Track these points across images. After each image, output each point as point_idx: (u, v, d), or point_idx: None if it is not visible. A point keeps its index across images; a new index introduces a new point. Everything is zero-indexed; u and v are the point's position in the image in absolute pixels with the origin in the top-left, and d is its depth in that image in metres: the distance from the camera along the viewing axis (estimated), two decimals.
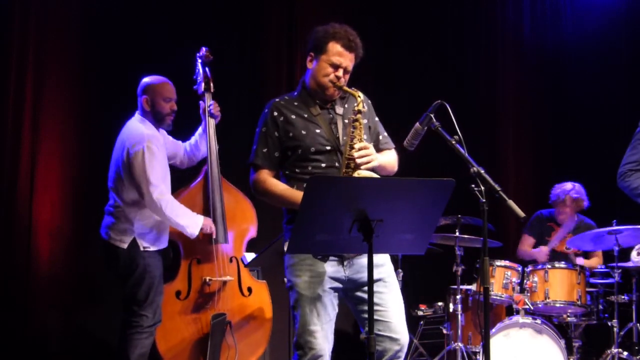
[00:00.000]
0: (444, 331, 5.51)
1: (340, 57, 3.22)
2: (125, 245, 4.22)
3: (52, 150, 5.26)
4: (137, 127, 4.29)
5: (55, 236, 5.22)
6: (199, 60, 4.68)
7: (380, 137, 3.42)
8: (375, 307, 3.07)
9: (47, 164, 5.23)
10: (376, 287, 3.10)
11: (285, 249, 3.16)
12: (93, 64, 5.44)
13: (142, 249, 4.23)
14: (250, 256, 4.56)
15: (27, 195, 5.12)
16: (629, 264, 5.18)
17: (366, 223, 2.70)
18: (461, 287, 5.40)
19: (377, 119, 3.44)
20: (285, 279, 3.24)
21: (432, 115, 3.07)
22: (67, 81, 5.36)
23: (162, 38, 5.57)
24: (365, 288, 3.07)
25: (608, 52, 6.87)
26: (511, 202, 2.84)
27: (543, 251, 5.82)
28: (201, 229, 4.37)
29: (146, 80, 4.40)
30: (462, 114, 3.19)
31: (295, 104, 3.29)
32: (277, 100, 3.32)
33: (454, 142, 2.98)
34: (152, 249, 4.28)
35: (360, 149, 3.12)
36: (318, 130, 3.22)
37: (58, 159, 5.29)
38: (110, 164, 4.33)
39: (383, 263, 3.22)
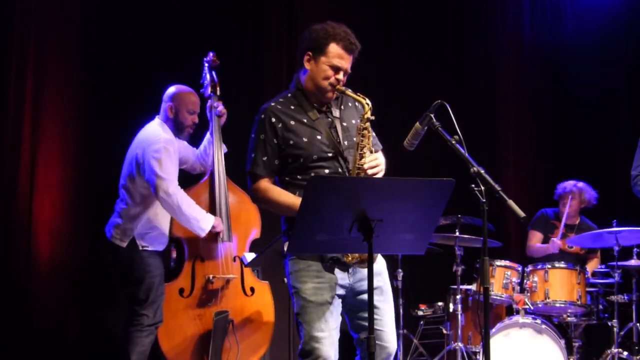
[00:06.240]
0: (444, 331, 5.51)
1: (341, 59, 3.11)
2: (124, 244, 4.30)
3: (52, 150, 5.26)
4: (156, 130, 4.37)
5: (55, 236, 5.22)
6: (206, 65, 4.73)
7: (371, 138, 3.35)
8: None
9: (47, 164, 5.23)
10: (374, 295, 3.11)
11: (285, 249, 3.15)
12: (93, 65, 5.44)
13: (140, 248, 4.29)
14: (250, 256, 4.56)
15: (27, 195, 5.12)
16: (630, 263, 5.18)
17: (366, 223, 2.70)
18: (461, 287, 5.39)
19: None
20: (285, 279, 3.20)
21: (432, 115, 3.05)
22: (67, 81, 5.36)
23: (162, 39, 5.57)
24: (363, 296, 3.08)
25: (608, 52, 6.86)
26: (511, 202, 2.83)
27: (556, 242, 5.76)
28: (213, 227, 4.40)
29: (174, 89, 4.47)
30: (462, 114, 3.18)
31: (292, 107, 3.15)
32: (272, 104, 3.16)
33: (454, 142, 2.96)
34: (150, 248, 4.34)
35: (371, 160, 3.08)
36: (319, 137, 3.12)
37: (58, 159, 5.29)
38: (124, 163, 4.40)
39: (380, 272, 3.19)
